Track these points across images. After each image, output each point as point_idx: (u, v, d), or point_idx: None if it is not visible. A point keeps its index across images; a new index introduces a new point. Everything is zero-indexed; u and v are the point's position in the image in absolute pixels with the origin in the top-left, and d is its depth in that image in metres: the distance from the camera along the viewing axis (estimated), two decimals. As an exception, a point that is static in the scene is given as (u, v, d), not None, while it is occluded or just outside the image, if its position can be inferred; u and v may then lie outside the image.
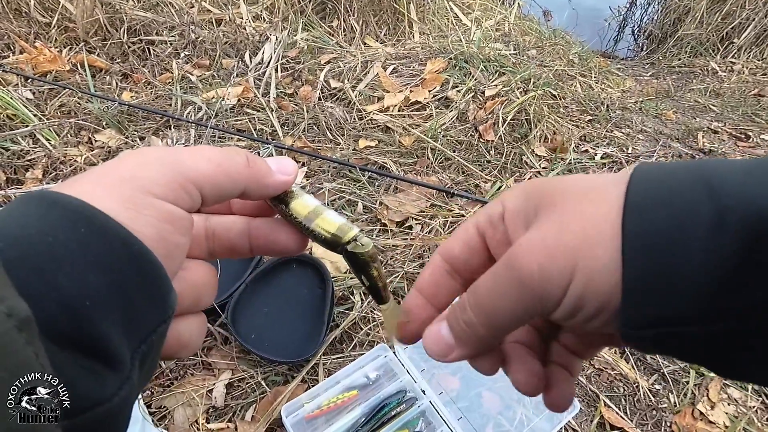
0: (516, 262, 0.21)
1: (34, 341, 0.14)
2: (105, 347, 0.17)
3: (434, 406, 0.90)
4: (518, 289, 0.21)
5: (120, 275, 0.18)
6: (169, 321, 0.21)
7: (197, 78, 1.53)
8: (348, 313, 1.01)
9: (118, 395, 0.18)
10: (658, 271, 0.18)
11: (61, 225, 0.17)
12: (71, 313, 0.16)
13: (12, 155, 1.19)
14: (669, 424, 0.98)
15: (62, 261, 0.17)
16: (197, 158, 0.22)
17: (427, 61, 1.65)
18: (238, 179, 0.24)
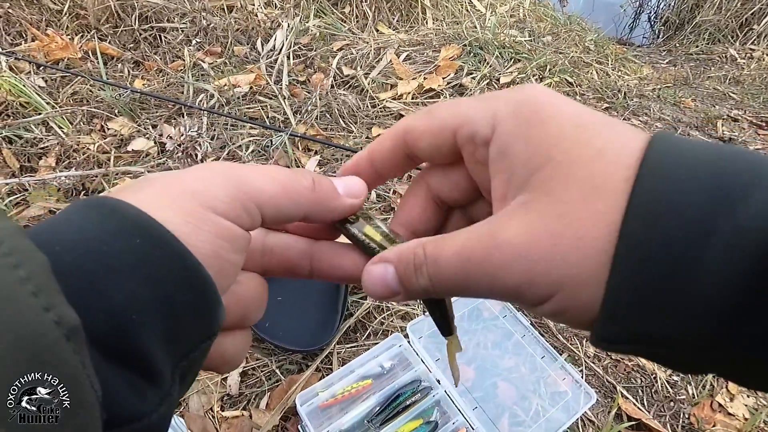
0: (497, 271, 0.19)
1: (81, 350, 0.14)
2: (148, 362, 0.17)
3: (449, 396, 0.88)
4: (490, 287, 0.20)
5: (170, 291, 0.17)
6: (213, 338, 0.20)
7: (209, 65, 1.51)
8: (362, 302, 0.99)
9: (157, 412, 0.17)
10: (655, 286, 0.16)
11: (117, 234, 0.17)
12: (118, 325, 0.16)
13: (25, 143, 1.18)
14: (687, 416, 0.96)
15: (114, 271, 0.16)
16: (262, 178, 0.21)
17: (441, 47, 1.61)
18: (302, 203, 0.22)
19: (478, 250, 0.20)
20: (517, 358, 0.98)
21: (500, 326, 1.01)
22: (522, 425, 0.88)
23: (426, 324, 0.98)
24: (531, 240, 0.18)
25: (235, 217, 0.20)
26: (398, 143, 0.24)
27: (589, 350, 1.04)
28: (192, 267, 0.18)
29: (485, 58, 1.58)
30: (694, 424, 0.94)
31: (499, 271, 0.19)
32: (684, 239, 0.16)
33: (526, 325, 1.00)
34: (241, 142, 1.27)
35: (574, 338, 1.04)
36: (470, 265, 0.20)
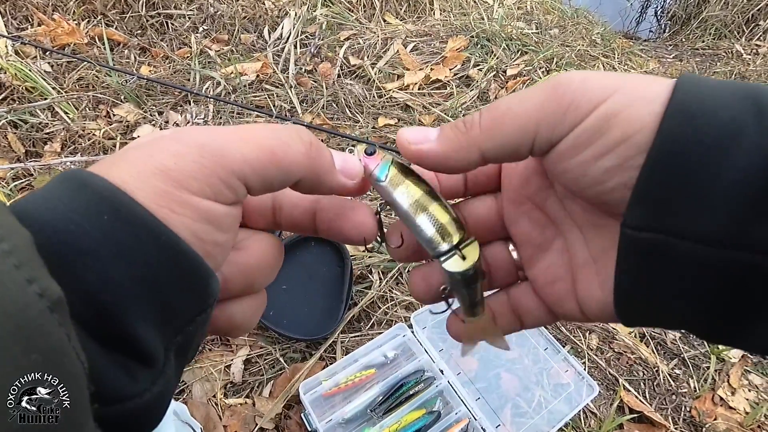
0: (560, 75, 0.19)
1: (66, 322, 0.14)
2: (135, 343, 0.16)
3: (452, 386, 0.86)
4: (548, 93, 0.19)
5: (148, 268, 0.16)
6: (209, 310, 0.19)
7: (216, 53, 1.47)
8: (366, 291, 0.97)
9: (151, 391, 0.17)
10: (684, 176, 0.17)
11: (85, 212, 0.16)
12: (96, 306, 0.15)
13: (31, 128, 1.15)
14: (689, 409, 0.94)
15: (85, 253, 0.15)
16: (246, 145, 0.19)
17: (448, 38, 1.56)
18: (293, 171, 0.20)
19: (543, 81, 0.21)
20: (521, 350, 0.96)
21: (504, 318, 0.99)
22: (524, 416, 0.86)
23: (430, 315, 0.95)
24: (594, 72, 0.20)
25: (214, 194, 0.18)
26: None
27: (592, 342, 1.01)
28: (167, 242, 0.17)
29: (492, 49, 1.54)
30: (696, 417, 0.93)
31: (563, 75, 0.19)
32: (714, 137, 0.16)
33: (529, 317, 0.98)
34: (246, 130, 1.24)
35: (577, 330, 1.02)
36: (529, 89, 0.20)
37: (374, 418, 0.81)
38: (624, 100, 0.18)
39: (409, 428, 0.79)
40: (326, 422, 0.77)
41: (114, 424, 0.16)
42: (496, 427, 0.83)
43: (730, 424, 0.93)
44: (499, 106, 0.20)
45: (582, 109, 0.19)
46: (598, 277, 0.22)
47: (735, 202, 0.16)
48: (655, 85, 0.18)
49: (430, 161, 0.22)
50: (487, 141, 0.21)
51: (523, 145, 0.20)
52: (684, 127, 0.17)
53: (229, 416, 0.78)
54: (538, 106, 0.19)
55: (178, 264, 0.17)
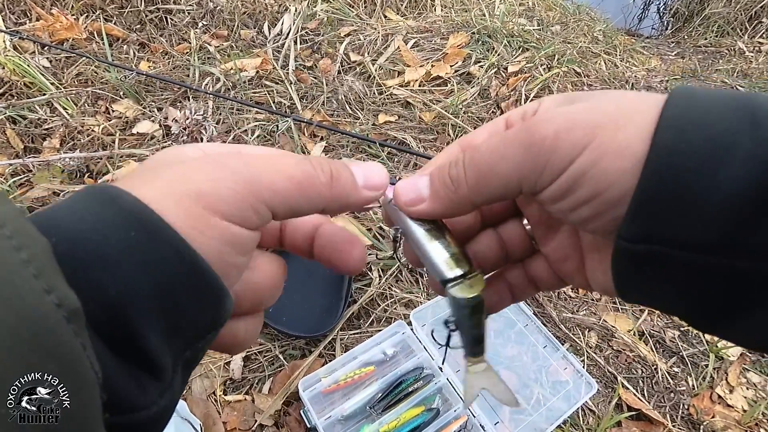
0: (533, 126, 0.20)
1: (81, 333, 0.14)
2: (147, 355, 0.16)
3: (451, 384, 0.86)
4: (524, 151, 0.20)
5: (168, 282, 0.17)
6: (220, 328, 0.19)
7: (215, 48, 1.46)
8: (366, 289, 0.97)
9: (158, 404, 0.17)
10: (680, 189, 0.17)
11: (114, 224, 0.16)
12: (114, 316, 0.15)
13: (29, 123, 1.14)
14: (687, 407, 0.94)
15: (107, 262, 0.16)
16: (277, 175, 0.20)
17: (449, 35, 1.55)
18: (317, 202, 0.21)
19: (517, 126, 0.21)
20: (520, 347, 0.96)
21: (503, 315, 0.99)
22: (523, 413, 0.86)
23: (429, 312, 0.95)
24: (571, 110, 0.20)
25: (242, 220, 0.19)
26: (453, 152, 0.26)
27: (591, 340, 1.01)
28: (190, 259, 0.17)
29: (493, 46, 1.53)
30: (694, 415, 0.93)
31: (537, 125, 0.20)
32: (708, 149, 0.17)
33: (529, 315, 0.98)
34: (246, 126, 1.23)
35: (576, 328, 1.02)
36: (507, 139, 0.21)
37: (373, 414, 0.81)
38: (592, 157, 0.19)
39: (407, 425, 0.79)
40: (325, 419, 0.77)
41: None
42: (494, 424, 0.83)
43: (728, 422, 0.93)
44: (480, 161, 0.22)
45: (556, 169, 0.20)
46: (601, 265, 0.23)
47: (732, 212, 0.16)
48: (630, 127, 0.18)
49: (429, 217, 0.24)
50: (476, 197, 0.22)
51: (510, 195, 0.22)
52: (677, 141, 0.17)
53: (229, 413, 0.78)
54: (517, 165, 0.20)
55: (197, 282, 0.18)
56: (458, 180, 0.22)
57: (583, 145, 0.19)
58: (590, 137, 0.19)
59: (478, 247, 0.27)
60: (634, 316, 1.06)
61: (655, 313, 1.08)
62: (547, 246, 0.26)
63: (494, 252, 0.27)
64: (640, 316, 1.06)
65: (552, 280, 0.26)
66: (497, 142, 0.21)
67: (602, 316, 1.05)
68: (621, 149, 0.18)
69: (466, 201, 0.22)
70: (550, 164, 0.20)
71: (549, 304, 1.04)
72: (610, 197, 0.19)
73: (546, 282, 0.27)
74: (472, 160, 0.22)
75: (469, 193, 0.22)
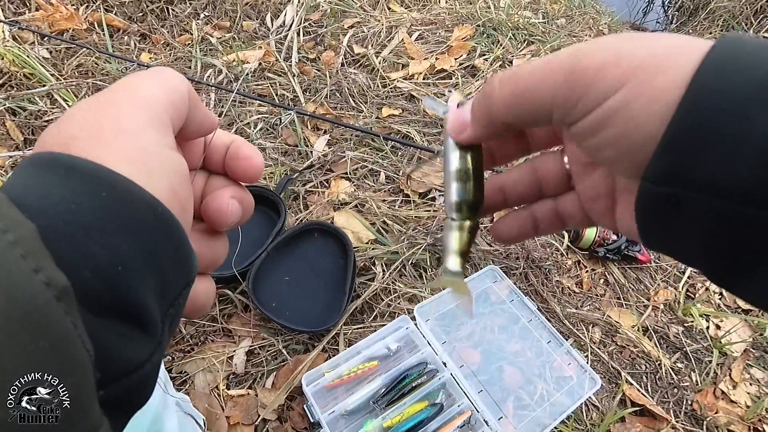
0: (580, 52, 0.19)
1: (72, 311, 0.14)
2: (141, 311, 0.16)
3: (455, 379, 0.85)
4: (564, 78, 0.19)
5: (149, 240, 0.17)
6: (192, 283, 0.20)
7: (217, 40, 1.43)
8: (369, 283, 0.95)
9: (151, 360, 0.17)
10: (711, 129, 0.16)
11: (82, 192, 0.16)
12: (107, 280, 0.15)
13: (29, 115, 1.12)
14: (690, 403, 0.94)
15: (90, 228, 0.16)
16: (156, 85, 0.21)
17: (454, 27, 1.52)
18: (185, 95, 0.22)
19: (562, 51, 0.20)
20: (524, 343, 0.95)
21: (507, 311, 0.98)
22: (527, 409, 0.86)
23: (433, 307, 0.94)
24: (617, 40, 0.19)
25: (171, 142, 0.20)
26: None
27: (595, 336, 1.00)
28: (163, 214, 0.18)
29: (498, 39, 1.50)
30: (697, 410, 0.92)
31: (585, 53, 0.19)
32: (750, 91, 0.16)
33: (533, 310, 0.97)
34: (249, 119, 1.21)
35: (580, 324, 1.01)
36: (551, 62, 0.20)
37: (377, 410, 0.80)
38: (626, 97, 0.18)
39: (411, 420, 0.78)
40: (329, 414, 0.77)
41: (116, 404, 0.16)
42: (498, 419, 0.82)
43: (731, 418, 0.93)
44: (517, 81, 0.21)
45: (589, 103, 0.19)
46: (630, 208, 0.22)
47: (764, 158, 0.15)
48: (671, 72, 0.18)
49: (474, 142, 0.26)
50: (506, 115, 0.22)
51: (540, 122, 0.22)
52: (716, 81, 0.16)
53: (232, 407, 0.77)
54: (553, 91, 0.20)
55: (171, 236, 0.18)
56: (491, 96, 0.22)
57: (621, 84, 0.18)
58: (629, 77, 0.18)
59: (513, 177, 0.27)
60: (638, 311, 1.05)
61: (659, 309, 1.07)
62: (581, 183, 0.26)
63: (527, 185, 0.27)
64: (644, 311, 1.05)
65: (580, 217, 0.26)
66: (540, 63, 0.20)
67: (606, 312, 1.04)
68: (656, 93, 0.18)
69: (497, 119, 0.23)
70: (585, 97, 0.19)
71: (553, 300, 1.03)
72: (635, 141, 0.18)
73: (573, 219, 0.27)
74: (509, 77, 0.22)
75: (500, 111, 0.22)
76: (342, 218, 1.04)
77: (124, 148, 0.18)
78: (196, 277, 0.23)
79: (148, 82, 0.21)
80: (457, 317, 0.95)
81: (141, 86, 0.20)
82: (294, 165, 1.13)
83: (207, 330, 0.86)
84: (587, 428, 0.87)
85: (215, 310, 0.88)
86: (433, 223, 1.06)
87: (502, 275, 1.01)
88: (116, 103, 0.19)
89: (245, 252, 0.89)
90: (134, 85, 0.20)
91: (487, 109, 0.23)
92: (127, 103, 0.19)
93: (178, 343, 0.84)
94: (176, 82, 0.22)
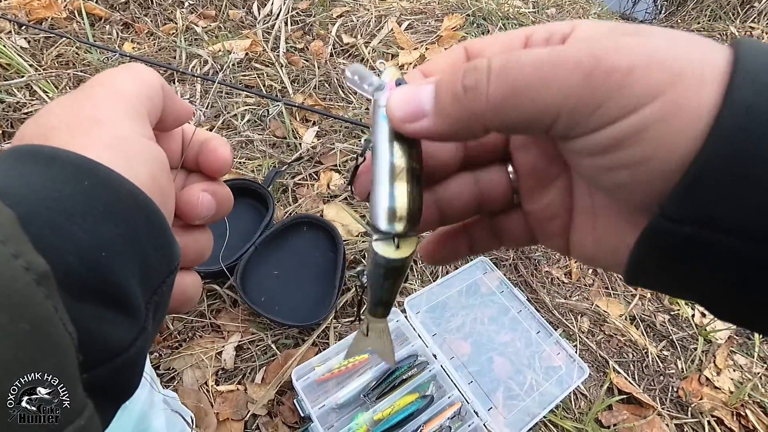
0: (601, 49, 0.15)
1: (53, 295, 0.14)
2: (124, 295, 0.16)
3: (445, 371, 0.85)
4: (582, 79, 0.15)
5: (131, 225, 0.17)
6: (176, 271, 0.20)
7: (203, 29, 1.38)
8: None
9: (135, 345, 0.17)
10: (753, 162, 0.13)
11: (64, 179, 0.16)
12: (90, 264, 0.15)
13: (7, 107, 1.07)
14: (676, 390, 0.95)
15: (73, 214, 0.16)
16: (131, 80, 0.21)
17: (444, 17, 1.49)
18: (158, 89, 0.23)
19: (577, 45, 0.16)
20: (513, 333, 0.95)
21: (497, 302, 0.98)
22: (516, 398, 0.86)
23: (424, 299, 0.93)
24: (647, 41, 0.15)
25: (149, 133, 0.21)
26: (457, 57, 0.21)
27: (584, 326, 1.00)
28: (144, 201, 0.18)
29: (488, 28, 1.47)
30: (682, 397, 0.93)
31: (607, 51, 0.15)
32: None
33: (522, 301, 0.97)
34: (236, 110, 1.18)
35: (569, 314, 1.01)
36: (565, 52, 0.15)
37: (367, 402, 0.79)
38: (663, 111, 0.14)
39: (402, 412, 0.77)
40: (319, 408, 0.76)
41: (102, 390, 0.16)
42: (488, 410, 0.82)
43: (715, 404, 0.94)
44: (516, 76, 0.16)
45: (614, 112, 0.15)
46: (594, 233, 0.20)
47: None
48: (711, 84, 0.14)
49: (427, 138, 0.19)
50: (493, 118, 0.17)
51: (534, 128, 0.17)
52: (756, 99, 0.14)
53: (221, 403, 0.76)
54: (566, 93, 0.15)
55: (152, 223, 0.18)
56: (476, 91, 0.16)
57: (658, 92, 0.14)
58: (669, 85, 0.14)
59: (449, 192, 0.22)
60: (625, 301, 1.05)
61: (646, 298, 1.07)
62: (532, 203, 0.22)
63: (466, 201, 0.22)
64: (632, 301, 1.05)
65: (522, 237, 0.23)
66: (548, 56, 0.16)
67: (594, 301, 1.04)
68: (701, 109, 0.14)
69: (479, 121, 0.17)
70: (609, 104, 0.15)
71: (542, 290, 1.02)
72: (662, 166, 0.15)
73: (514, 238, 0.23)
74: (505, 68, 0.16)
75: (487, 111, 0.17)
76: (331, 211, 1.02)
77: (102, 137, 0.18)
78: (182, 271, 0.23)
79: (123, 76, 0.21)
80: (448, 309, 0.94)
81: (115, 81, 0.21)
82: (282, 157, 1.10)
83: (195, 326, 0.84)
84: (576, 417, 0.87)
85: (203, 306, 0.86)
86: (424, 216, 1.04)
87: (492, 266, 1.01)
88: (92, 96, 0.20)
89: (233, 246, 0.86)
90: (109, 80, 0.21)
91: (468, 105, 0.17)
92: (103, 96, 0.20)
93: (166, 339, 0.81)
94: (149, 76, 0.22)
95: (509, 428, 0.80)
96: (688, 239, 0.15)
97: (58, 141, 0.18)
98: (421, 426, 0.77)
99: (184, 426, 0.68)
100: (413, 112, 0.18)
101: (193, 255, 0.25)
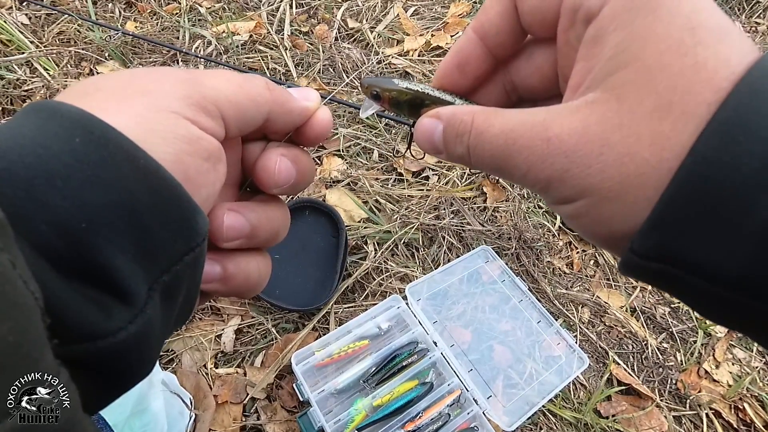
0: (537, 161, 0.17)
1: (9, 247, 0.12)
2: (111, 276, 0.14)
3: (445, 358, 0.82)
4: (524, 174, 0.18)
5: (125, 194, 0.14)
6: (198, 249, 0.17)
7: (207, 10, 1.33)
8: (361, 262, 0.91)
9: (127, 330, 0.15)
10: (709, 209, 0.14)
11: (55, 135, 0.14)
12: (67, 236, 0.13)
13: (7, 84, 1.03)
14: (675, 382, 0.93)
15: (53, 176, 0.13)
16: (218, 79, 0.19)
17: (450, 3, 1.43)
18: (261, 103, 0.20)
19: (526, 137, 0.18)
20: (514, 322, 0.92)
21: (498, 290, 0.95)
22: (515, 387, 0.83)
23: (425, 286, 0.90)
24: (580, 142, 0.17)
25: (194, 117, 0.18)
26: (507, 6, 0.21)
27: (584, 316, 0.98)
28: (147, 168, 0.15)
29: (495, 16, 1.41)
30: (681, 389, 0.91)
31: (539, 162, 0.17)
32: (754, 167, 0.14)
33: (523, 290, 0.94)
34: (239, 93, 1.13)
35: (570, 304, 0.98)
36: (513, 149, 0.18)
37: (367, 388, 0.77)
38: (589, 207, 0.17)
39: (401, 399, 0.75)
40: (318, 392, 0.73)
41: (86, 364, 0.14)
42: (487, 398, 0.80)
43: (713, 396, 0.92)
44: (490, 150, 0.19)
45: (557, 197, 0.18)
46: None
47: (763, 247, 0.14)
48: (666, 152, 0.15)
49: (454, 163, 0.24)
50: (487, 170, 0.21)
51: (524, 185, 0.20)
52: (721, 150, 0.14)
53: (220, 386, 0.73)
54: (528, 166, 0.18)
55: (158, 191, 0.16)
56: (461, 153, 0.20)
57: (572, 198, 0.18)
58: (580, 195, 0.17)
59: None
60: (626, 292, 1.02)
61: (647, 290, 1.04)
62: None
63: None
64: (633, 292, 1.02)
65: None
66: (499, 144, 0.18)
67: (595, 293, 1.01)
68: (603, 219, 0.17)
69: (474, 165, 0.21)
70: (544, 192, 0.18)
71: (544, 280, 0.99)
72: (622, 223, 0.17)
73: None
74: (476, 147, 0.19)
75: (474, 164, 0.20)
76: (334, 196, 0.99)
77: (136, 106, 0.16)
78: (250, 253, 0.21)
79: (203, 71, 0.20)
80: (449, 297, 0.91)
81: (189, 70, 0.19)
82: (285, 141, 1.06)
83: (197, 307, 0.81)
84: (575, 406, 0.85)
85: (203, 288, 0.83)
86: (426, 202, 1.01)
87: (494, 255, 0.98)
88: (164, 73, 0.18)
89: (233, 229, 0.83)
90: (185, 70, 0.20)
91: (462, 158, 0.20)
92: (160, 75, 0.18)
93: (165, 321, 0.79)
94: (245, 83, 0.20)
95: (508, 416, 0.78)
96: (657, 273, 0.16)
97: (90, 101, 0.16)
98: (420, 413, 0.75)
99: (182, 407, 0.66)
100: (433, 149, 0.22)
101: (266, 234, 0.22)
